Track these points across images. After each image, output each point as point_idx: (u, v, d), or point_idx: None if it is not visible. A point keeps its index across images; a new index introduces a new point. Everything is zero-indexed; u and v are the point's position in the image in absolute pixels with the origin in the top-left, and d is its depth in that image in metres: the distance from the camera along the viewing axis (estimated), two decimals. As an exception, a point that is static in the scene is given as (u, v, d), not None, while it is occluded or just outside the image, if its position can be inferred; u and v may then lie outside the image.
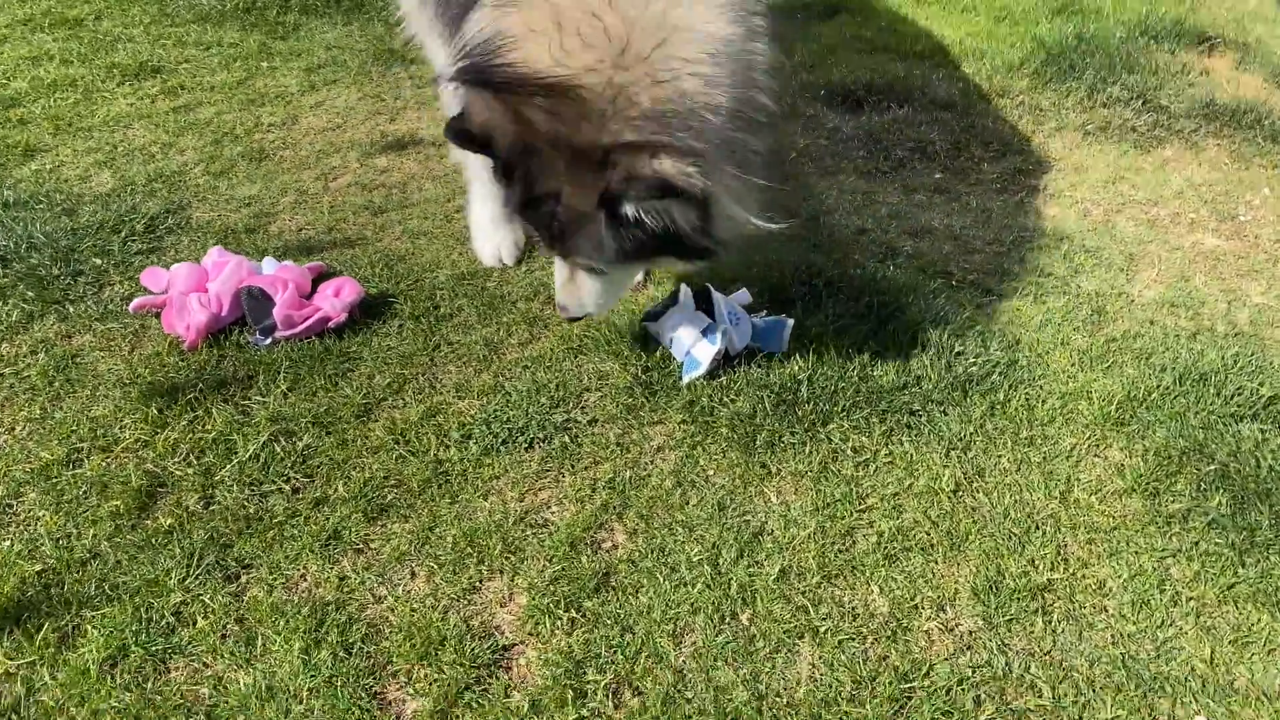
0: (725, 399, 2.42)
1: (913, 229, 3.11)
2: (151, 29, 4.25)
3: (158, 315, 2.60)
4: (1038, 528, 2.16)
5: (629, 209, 1.97)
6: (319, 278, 2.71)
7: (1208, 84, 3.92)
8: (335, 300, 2.57)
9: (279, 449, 2.25)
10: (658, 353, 2.54)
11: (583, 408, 2.42)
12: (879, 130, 3.59)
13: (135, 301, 2.60)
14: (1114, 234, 3.12)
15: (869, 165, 3.44)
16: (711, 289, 2.54)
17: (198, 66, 3.97)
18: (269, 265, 2.67)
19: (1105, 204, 3.27)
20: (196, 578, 1.98)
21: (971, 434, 2.37)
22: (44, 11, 4.37)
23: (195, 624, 1.89)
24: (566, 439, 2.33)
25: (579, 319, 2.41)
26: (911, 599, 2.00)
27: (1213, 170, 3.46)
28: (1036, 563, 2.08)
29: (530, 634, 1.91)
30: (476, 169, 2.81)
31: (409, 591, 1.98)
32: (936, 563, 2.08)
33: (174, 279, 2.60)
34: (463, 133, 2.05)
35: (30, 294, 2.67)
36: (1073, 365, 2.59)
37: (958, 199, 3.28)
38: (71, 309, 2.64)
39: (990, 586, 2.02)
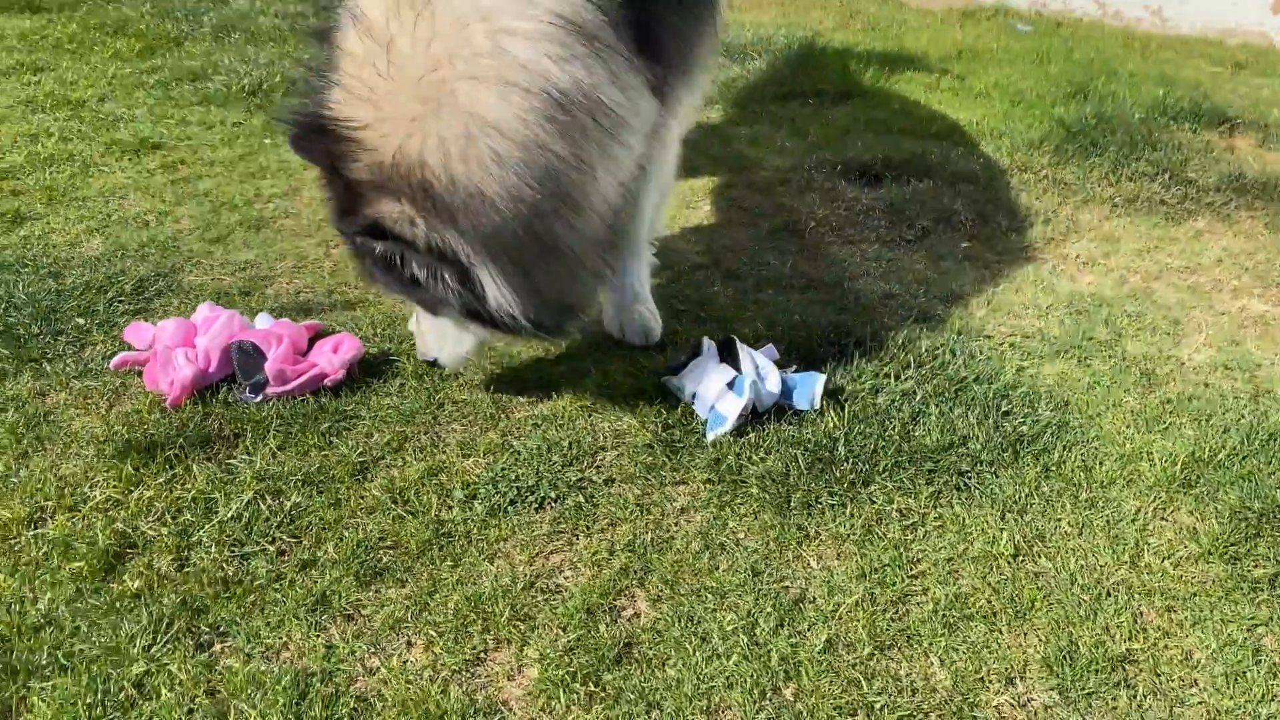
0: (754, 457, 2.21)
1: (943, 294, 2.95)
2: (155, 110, 4.19)
3: (140, 373, 2.42)
4: (1109, 595, 1.93)
5: (363, 242, 1.99)
6: (315, 336, 2.54)
7: (1234, 160, 3.83)
8: (333, 356, 2.39)
9: (264, 508, 2.04)
10: (679, 409, 2.35)
11: (598, 466, 2.22)
12: (900, 202, 3.47)
13: (117, 358, 2.42)
14: (1155, 300, 2.97)
15: (892, 234, 3.31)
16: (736, 340, 2.36)
17: (199, 143, 3.88)
18: (263, 321, 2.50)
19: (1142, 271, 3.12)
20: (164, 645, 1.74)
21: (1027, 496, 2.15)
22: (46, 93, 4.31)
23: (159, 696, 1.65)
24: (581, 499, 2.12)
25: (432, 363, 2.37)
26: (976, 671, 1.76)
27: (1249, 240, 3.33)
28: (1112, 631, 1.84)
29: (542, 710, 1.67)
30: None
31: (405, 662, 1.74)
32: (1001, 632, 1.84)
33: (159, 334, 2.43)
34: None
35: (5, 351, 2.49)
36: (1127, 427, 2.39)
37: (988, 266, 3.13)
38: (49, 367, 2.46)
39: (1063, 657, 1.78)
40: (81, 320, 2.65)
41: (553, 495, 2.12)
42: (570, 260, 2.00)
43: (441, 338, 2.28)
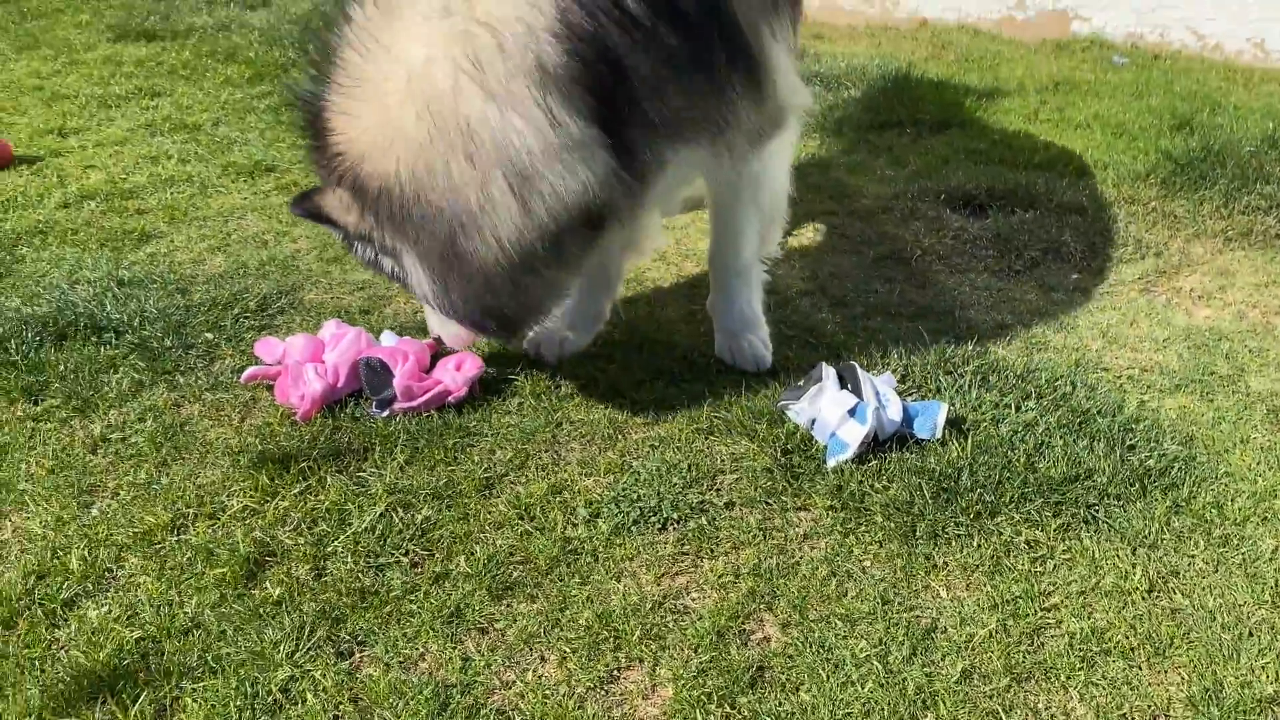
0: (877, 485, 2.20)
1: (1057, 325, 2.92)
2: (267, 134, 4.33)
3: (270, 387, 2.49)
4: (1251, 634, 1.88)
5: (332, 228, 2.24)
6: (437, 354, 2.59)
7: (1350, 194, 3.73)
8: (456, 374, 2.44)
9: (397, 520, 2.08)
10: (797, 434, 2.35)
11: (717, 489, 2.22)
12: (1007, 232, 3.44)
13: (248, 371, 2.50)
14: (1276, 336, 2.90)
15: (1000, 264, 3.28)
16: (857, 367, 2.36)
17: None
18: (388, 338, 2.56)
19: (1261, 306, 3.05)
20: (306, 652, 1.78)
21: (1157, 532, 2.11)
22: (164, 117, 4.49)
23: (304, 701, 1.68)
24: (703, 521, 2.12)
25: (439, 341, 2.54)
26: (1119, 708, 1.72)
27: (1371, 277, 3.24)
28: (1257, 672, 1.79)
29: (680, 729, 1.67)
30: None
31: (540, 677, 1.76)
32: (1140, 669, 1.80)
33: (289, 349, 2.50)
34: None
35: (141, 364, 2.59)
36: (1258, 464, 2.33)
37: (1100, 298, 3.09)
38: (182, 379, 2.55)
39: (1208, 697, 1.74)
40: (210, 335, 2.74)
41: (675, 516, 2.13)
42: (481, 275, 2.10)
43: (430, 314, 2.48)
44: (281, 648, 1.78)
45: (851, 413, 2.26)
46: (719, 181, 2.57)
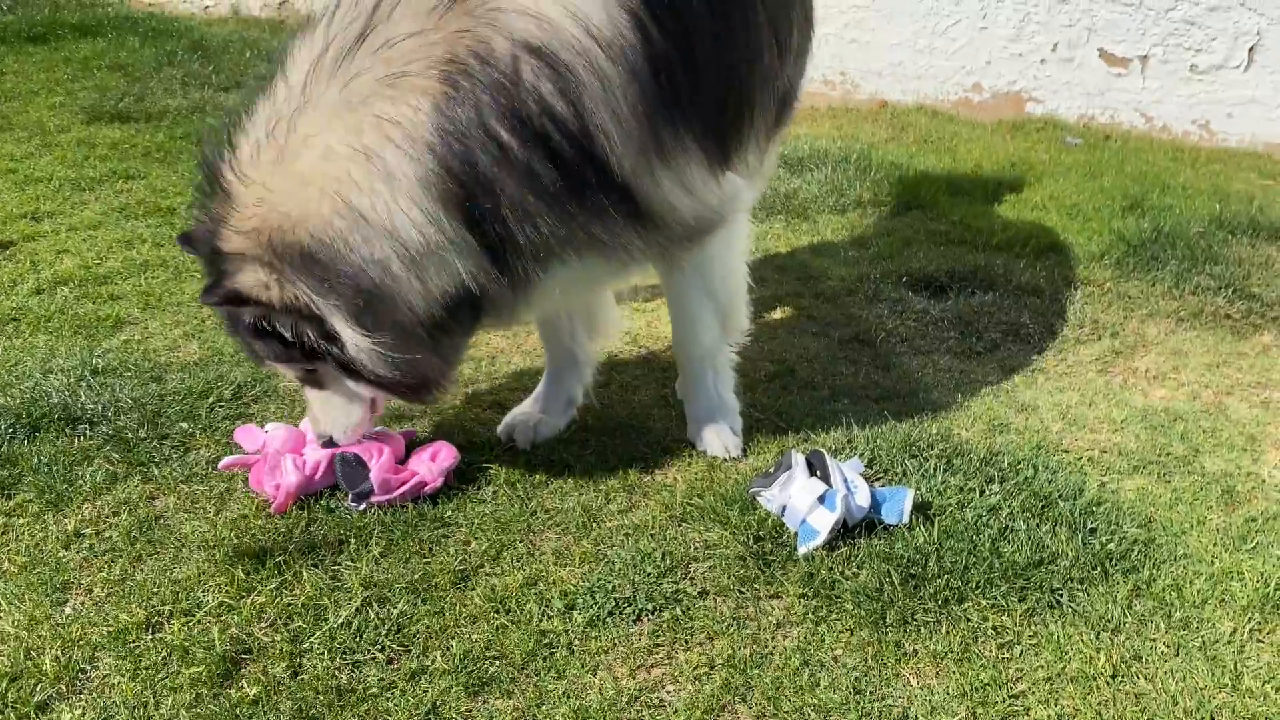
0: (847, 572, 2.24)
1: (1018, 406, 3.00)
2: (242, 217, 4.37)
3: (246, 477, 2.50)
4: (1212, 718, 1.93)
5: (231, 314, 2.28)
6: (410, 443, 2.62)
7: (1295, 274, 3.89)
8: (432, 465, 2.47)
9: (372, 615, 2.09)
10: (768, 521, 2.39)
11: (691, 578, 2.26)
12: (968, 314, 3.55)
13: (226, 460, 2.51)
14: (1229, 415, 3.00)
15: (962, 346, 3.37)
16: (826, 454, 2.41)
17: (286, 250, 4.04)
18: (363, 429, 2.59)
19: (1214, 387, 3.15)
20: (283, 754, 1.78)
21: (1120, 615, 2.16)
22: (138, 200, 4.52)
23: (281, 806, 1.68)
24: (677, 611, 2.15)
25: (328, 442, 2.48)
26: (1087, 797, 1.76)
27: (1318, 356, 3.36)
28: (1220, 759, 1.84)
29: (657, 827, 1.68)
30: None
31: (517, 775, 1.77)
32: (1107, 756, 1.84)
33: (270, 439, 2.52)
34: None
35: (115, 456, 2.60)
36: (1215, 545, 2.40)
37: (1059, 379, 3.18)
38: (156, 471, 2.56)
39: (1174, 785, 1.78)
40: (185, 425, 2.76)
41: (649, 607, 2.16)
42: (399, 333, 2.19)
43: (330, 411, 2.44)
44: (258, 750, 1.78)
45: (821, 500, 2.32)
46: (664, 272, 2.62)
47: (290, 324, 2.22)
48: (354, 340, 2.19)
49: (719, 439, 2.70)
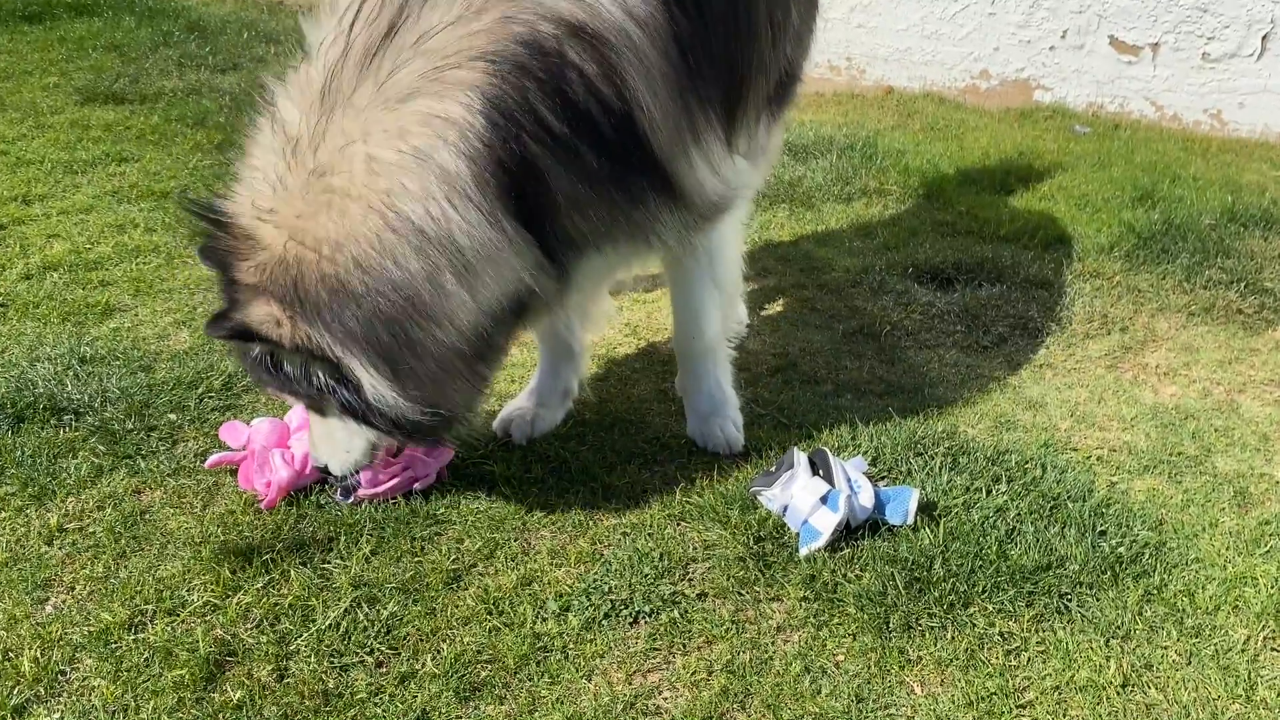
0: (850, 574, 2.18)
1: (1025, 403, 2.93)
2: (236, 202, 4.30)
3: (234, 472, 2.44)
4: (1226, 731, 1.87)
5: (240, 347, 2.17)
6: (404, 437, 2.56)
7: (1308, 269, 3.81)
8: (425, 460, 2.40)
9: (361, 617, 2.04)
10: (769, 520, 2.33)
11: (689, 579, 2.20)
12: (975, 307, 3.48)
13: (212, 457, 2.45)
14: (1241, 414, 2.93)
15: (969, 340, 3.31)
16: (829, 453, 2.35)
17: (280, 236, 3.97)
18: (354, 422, 2.53)
19: (1226, 384, 3.09)
20: (266, 762, 1.73)
21: (1130, 622, 2.10)
22: (131, 184, 4.45)
23: (264, 817, 1.63)
24: (675, 614, 2.10)
25: (324, 471, 2.33)
26: (1096, 813, 1.70)
27: (1331, 353, 3.29)
28: (1234, 773, 1.78)
29: (651, 842, 1.63)
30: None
31: (508, 786, 1.72)
32: (1117, 770, 1.79)
33: (254, 434, 2.46)
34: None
35: (101, 448, 2.54)
36: (1227, 549, 2.34)
37: (1068, 375, 3.11)
38: (143, 464, 2.50)
39: (1186, 801, 1.73)
40: (174, 416, 2.70)
41: (646, 609, 2.10)
42: (434, 364, 2.07)
43: (331, 442, 2.27)
44: (240, 757, 1.73)
45: (824, 500, 2.25)
46: (674, 260, 2.58)
47: (300, 363, 2.09)
48: (372, 385, 2.05)
49: (719, 434, 2.64)
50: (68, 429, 2.61)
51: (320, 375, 2.09)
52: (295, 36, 2.32)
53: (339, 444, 2.27)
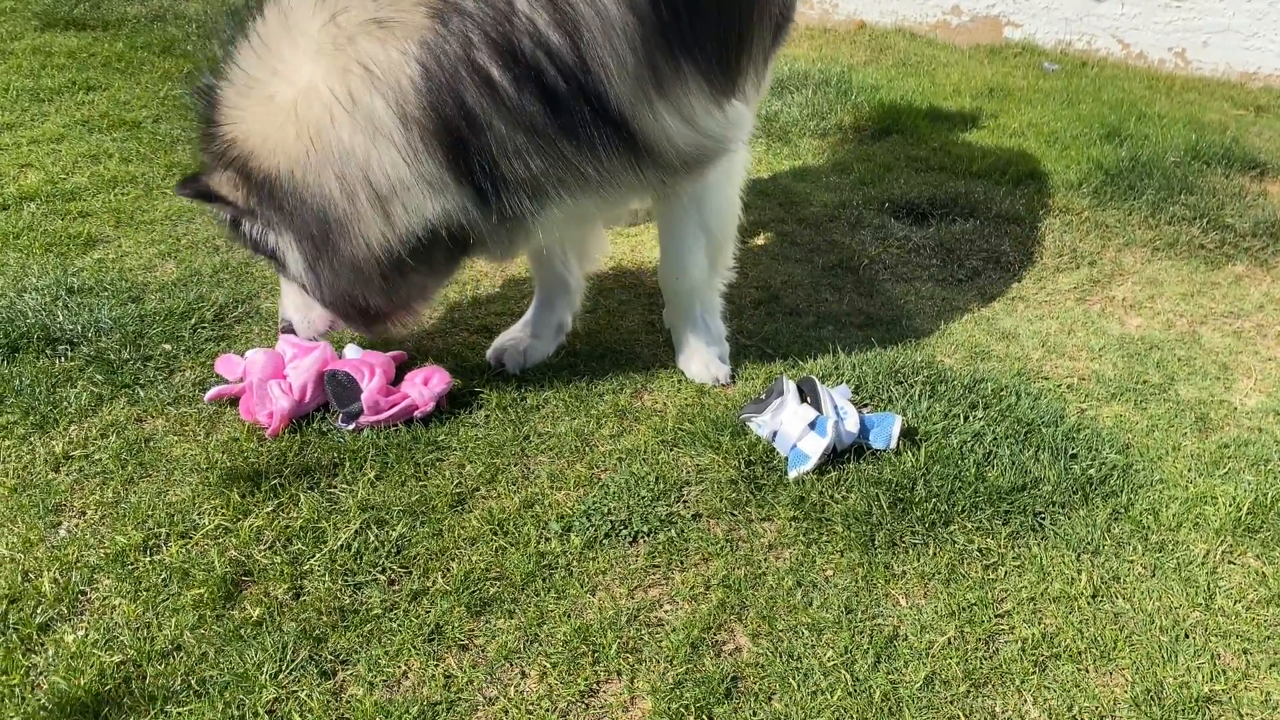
0: (837, 496, 2.29)
1: (999, 334, 3.04)
2: (211, 133, 4.26)
3: (233, 403, 2.49)
4: (1186, 636, 2.01)
5: (207, 205, 2.39)
6: (401, 366, 2.61)
7: (1267, 205, 3.94)
8: (424, 389, 2.46)
9: (371, 538, 2.11)
10: (759, 446, 2.43)
11: (684, 501, 2.29)
12: (949, 241, 3.57)
13: (211, 391, 2.49)
14: (1202, 344, 3.06)
15: (944, 273, 3.40)
16: (817, 381, 2.44)
17: (259, 167, 3.95)
18: (352, 351, 2.57)
19: (1188, 316, 3.22)
20: (290, 673, 1.81)
21: (1099, 538, 2.24)
22: (101, 113, 4.38)
23: (292, 723, 1.71)
24: (672, 533, 2.19)
25: (288, 328, 2.58)
26: (1069, 710, 1.84)
27: (1287, 286, 3.43)
28: (1193, 673, 1.92)
29: (660, 741, 1.74)
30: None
31: (522, 692, 1.81)
32: (1088, 671, 1.92)
33: (250, 366, 2.49)
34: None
35: (99, 377, 2.56)
36: (1189, 471, 2.48)
37: (1039, 307, 3.23)
38: (142, 393, 2.53)
39: (1150, 698, 1.87)
40: (169, 346, 2.72)
41: (644, 529, 2.20)
42: (350, 267, 2.25)
43: (293, 304, 2.53)
44: (265, 669, 1.80)
45: (812, 425, 2.35)
46: (659, 203, 2.61)
47: (253, 227, 2.33)
48: (296, 264, 2.31)
49: (707, 368, 2.72)
50: (63, 359, 2.63)
51: (270, 238, 2.32)
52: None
53: (298, 305, 2.52)
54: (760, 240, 3.61)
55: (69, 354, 2.65)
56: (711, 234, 2.67)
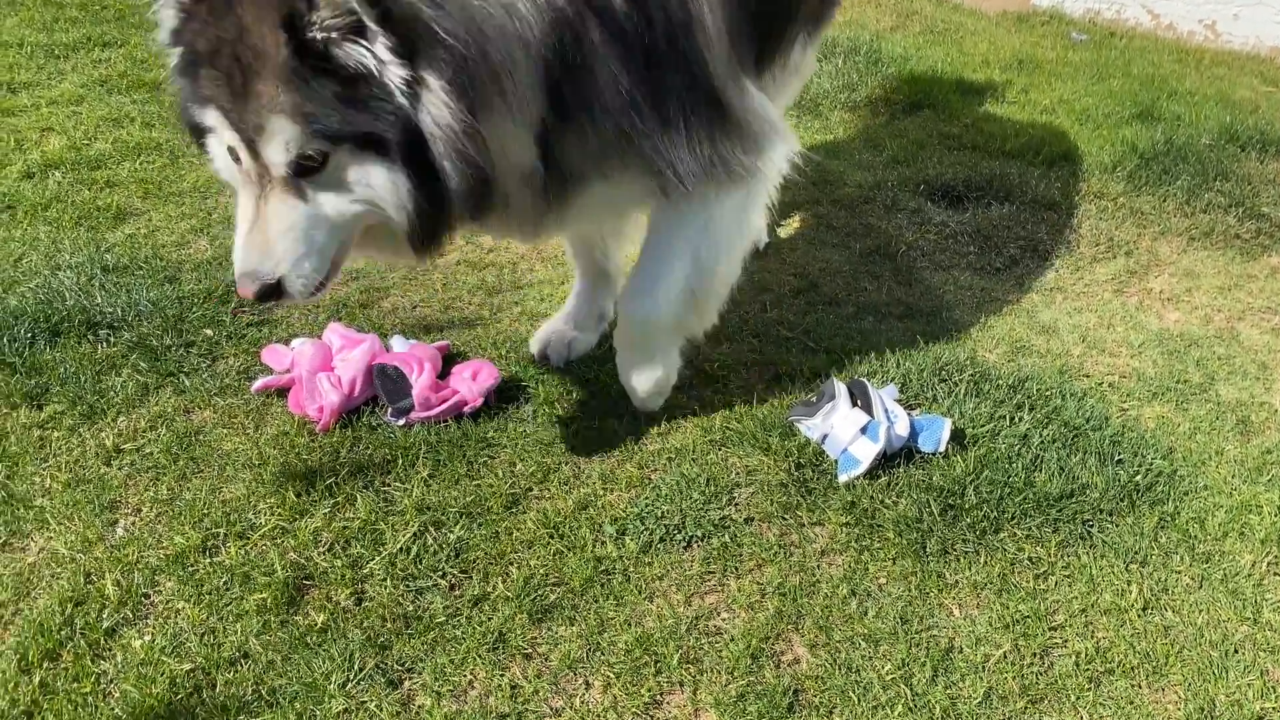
0: (887, 501, 2.30)
1: (1039, 327, 3.04)
2: (233, 96, 4.18)
3: (281, 394, 2.47)
4: (1235, 651, 2.04)
5: (317, 34, 1.68)
6: (448, 358, 2.60)
7: (1301, 193, 3.92)
8: (473, 384, 2.45)
9: (430, 541, 2.12)
10: (808, 448, 2.43)
11: (735, 504, 2.30)
12: (986, 227, 3.55)
13: (259, 382, 2.48)
14: (1241, 342, 3.06)
15: (981, 262, 3.39)
16: (868, 384, 2.44)
17: (285, 136, 3.89)
18: (398, 344, 2.56)
19: (1226, 310, 3.21)
20: (358, 682, 1.82)
21: (1147, 547, 2.26)
22: (120, 73, 4.30)
23: (364, 736, 1.73)
24: (726, 538, 2.20)
25: (267, 296, 1.87)
26: (1125, 728, 1.87)
27: (1323, 279, 3.43)
28: (1244, 690, 1.95)
29: (726, 757, 1.76)
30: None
31: (586, 704, 1.83)
32: (1140, 688, 1.95)
33: (298, 358, 2.48)
34: None
35: (143, 364, 2.54)
36: (1233, 477, 2.49)
37: (1077, 299, 3.22)
38: (187, 382, 2.52)
39: (1204, 716, 1.90)
40: (210, 331, 2.70)
41: (698, 534, 2.21)
42: (486, 134, 1.84)
43: (305, 230, 1.84)
44: (333, 678, 1.82)
45: (864, 430, 2.35)
46: (655, 211, 2.34)
47: (374, 43, 1.70)
48: (440, 108, 1.76)
49: (639, 392, 2.50)
50: (106, 344, 2.61)
51: (394, 71, 1.73)
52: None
53: (298, 235, 1.84)
54: (796, 223, 3.58)
55: (110, 339, 2.63)
56: (702, 267, 2.31)
